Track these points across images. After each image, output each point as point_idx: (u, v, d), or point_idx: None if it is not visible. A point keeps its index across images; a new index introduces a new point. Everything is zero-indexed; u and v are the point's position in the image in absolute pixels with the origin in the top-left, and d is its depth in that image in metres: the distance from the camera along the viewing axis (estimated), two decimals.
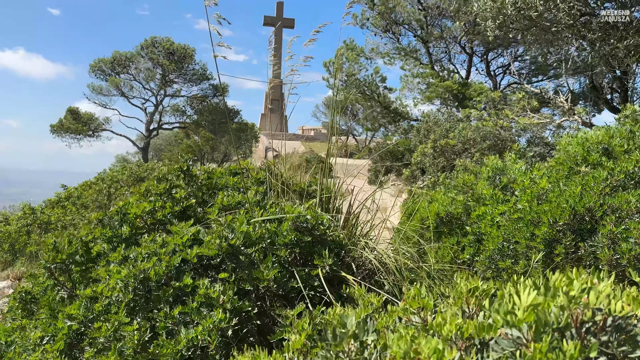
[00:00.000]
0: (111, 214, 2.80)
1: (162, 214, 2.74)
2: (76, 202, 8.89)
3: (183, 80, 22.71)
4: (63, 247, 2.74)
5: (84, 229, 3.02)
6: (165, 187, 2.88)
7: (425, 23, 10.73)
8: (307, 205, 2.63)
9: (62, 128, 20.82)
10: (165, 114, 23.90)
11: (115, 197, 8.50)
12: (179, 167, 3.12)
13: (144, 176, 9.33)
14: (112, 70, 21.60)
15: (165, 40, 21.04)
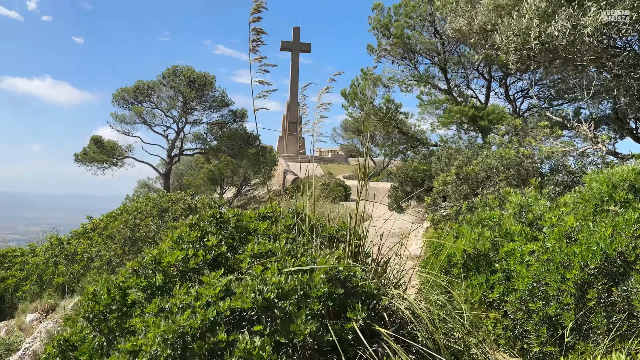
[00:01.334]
0: (145, 263, 2.87)
1: (194, 263, 2.80)
2: (102, 233, 9.06)
3: (203, 107, 23.16)
4: (101, 295, 2.81)
5: (120, 275, 3.10)
6: (198, 235, 2.94)
7: (443, 50, 10.81)
8: (338, 255, 2.66)
9: (86, 157, 21.33)
10: (187, 140, 24.35)
11: (139, 228, 8.65)
12: (211, 213, 3.19)
13: (167, 207, 9.48)
14: (134, 99, 22.16)
15: (186, 69, 21.56)
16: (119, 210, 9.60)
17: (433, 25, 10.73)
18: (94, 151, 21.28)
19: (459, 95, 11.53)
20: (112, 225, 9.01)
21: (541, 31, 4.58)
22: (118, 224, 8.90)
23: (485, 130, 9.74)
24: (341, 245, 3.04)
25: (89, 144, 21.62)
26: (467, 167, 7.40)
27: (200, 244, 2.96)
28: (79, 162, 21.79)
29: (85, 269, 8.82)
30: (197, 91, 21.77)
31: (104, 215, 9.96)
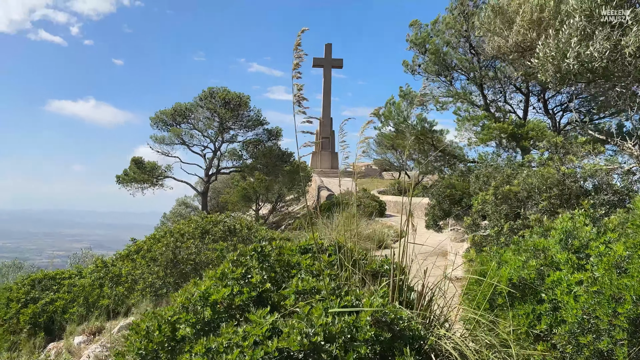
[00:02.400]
0: (194, 300, 2.94)
1: (240, 300, 2.86)
2: (145, 256, 9.30)
3: (239, 126, 23.60)
4: (153, 331, 2.91)
5: (169, 309, 3.19)
6: (242, 272, 3.01)
7: (479, 66, 10.71)
8: (382, 293, 2.67)
9: (127, 178, 22.03)
10: (223, 158, 24.82)
11: (180, 250, 8.84)
12: (253, 247, 3.26)
13: (208, 228, 9.67)
14: (173, 121, 22.81)
15: (222, 90, 22.06)
16: (162, 232, 9.84)
17: (469, 42, 10.67)
18: (134, 172, 21.98)
19: (497, 110, 11.37)
20: (155, 247, 9.24)
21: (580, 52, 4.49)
22: (161, 246, 9.13)
23: (525, 147, 9.56)
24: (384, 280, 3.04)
25: (130, 165, 22.34)
26: (506, 186, 7.26)
27: (245, 280, 3.02)
28: (120, 183, 22.51)
29: (129, 291, 9.06)
30: (232, 111, 22.24)
31: (147, 237, 10.23)
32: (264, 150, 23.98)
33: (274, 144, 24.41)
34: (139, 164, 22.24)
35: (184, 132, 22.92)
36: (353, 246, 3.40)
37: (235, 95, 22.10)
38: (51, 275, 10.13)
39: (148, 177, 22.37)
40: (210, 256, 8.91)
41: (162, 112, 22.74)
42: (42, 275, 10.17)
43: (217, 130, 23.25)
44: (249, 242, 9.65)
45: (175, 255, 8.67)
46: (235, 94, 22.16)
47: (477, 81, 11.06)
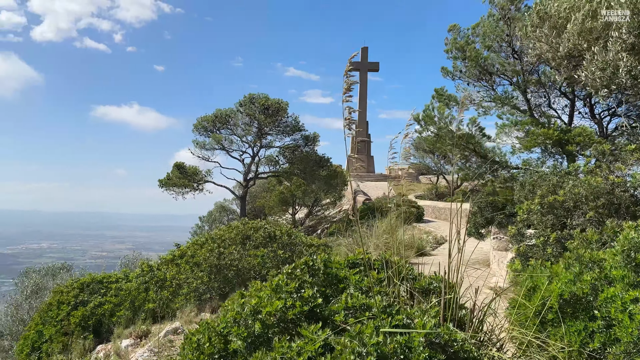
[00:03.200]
0: (245, 315, 3.01)
1: (292, 313, 2.91)
2: (189, 261, 9.53)
3: (277, 131, 23.88)
4: (204, 343, 3.00)
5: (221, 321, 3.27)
6: (295, 286, 3.06)
7: (522, 71, 10.48)
8: (434, 312, 2.67)
9: (169, 182, 22.65)
10: (261, 164, 25.14)
11: (224, 256, 9.02)
12: (304, 261, 3.31)
13: (249, 235, 9.83)
14: (213, 127, 23.30)
15: (261, 96, 22.39)
16: (204, 238, 10.07)
17: (511, 46, 10.45)
18: (176, 176, 22.57)
19: (541, 115, 11.08)
20: (198, 253, 9.46)
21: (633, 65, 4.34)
22: (204, 252, 9.34)
23: (571, 154, 9.28)
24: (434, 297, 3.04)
25: (173, 170, 22.96)
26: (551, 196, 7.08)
27: (297, 294, 3.07)
28: (163, 187, 23.14)
29: (173, 295, 9.31)
30: (271, 117, 22.52)
31: (190, 243, 10.47)
32: (301, 155, 24.15)
33: (311, 149, 24.56)
34: (181, 169, 22.82)
35: (224, 138, 23.38)
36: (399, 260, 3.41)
37: (274, 101, 22.38)
38: (99, 279, 10.50)
39: (189, 181, 22.92)
40: (252, 262, 9.06)
41: (203, 119, 23.27)
42: (90, 279, 10.55)
43: (256, 135, 23.58)
44: (288, 248, 9.76)
45: (219, 261, 8.85)
46: (274, 100, 22.43)
47: (520, 86, 10.82)
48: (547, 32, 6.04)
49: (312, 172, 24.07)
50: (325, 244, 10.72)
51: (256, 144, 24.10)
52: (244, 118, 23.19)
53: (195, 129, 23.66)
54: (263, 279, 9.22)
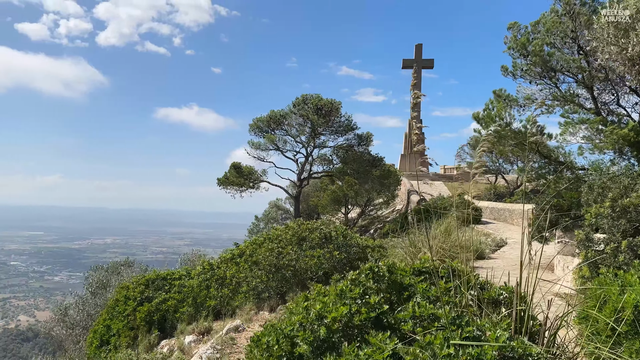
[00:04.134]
0: (311, 319, 3.07)
1: (358, 320, 2.94)
2: (248, 260, 9.77)
3: (330, 131, 23.99)
4: (272, 345, 3.08)
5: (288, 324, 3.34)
6: (360, 292, 3.08)
7: (588, 68, 10.00)
8: (505, 325, 2.62)
9: (227, 181, 23.31)
10: (315, 163, 25.36)
11: (283, 256, 9.18)
12: (369, 267, 3.33)
13: (305, 235, 9.95)
14: (268, 127, 23.74)
15: (314, 97, 22.58)
16: (262, 238, 10.27)
17: (576, 42, 9.99)
18: (234, 176, 23.18)
19: (609, 113, 10.52)
20: (257, 252, 9.66)
21: None
22: (263, 251, 9.53)
23: None
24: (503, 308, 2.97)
25: (230, 170, 23.61)
26: (626, 199, 6.72)
27: (362, 300, 3.09)
28: (221, 186, 23.84)
29: (233, 293, 9.56)
30: (324, 117, 22.66)
31: (248, 242, 10.71)
32: (354, 155, 24.13)
33: (365, 149, 24.50)
34: (237, 169, 23.42)
35: (278, 138, 23.77)
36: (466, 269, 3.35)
37: (327, 101, 22.50)
38: (163, 275, 10.94)
39: (245, 180, 23.48)
40: (309, 263, 9.16)
41: (258, 120, 23.76)
42: (155, 275, 11.02)
43: (309, 136, 23.80)
44: (344, 249, 9.79)
45: (278, 261, 9.00)
46: (327, 101, 22.56)
47: (587, 83, 10.32)
48: (615, 33, 5.72)
49: (365, 172, 24.00)
50: (381, 246, 10.67)
51: (310, 144, 24.32)
52: (298, 118, 23.48)
53: (251, 129, 24.22)
54: (319, 280, 9.30)
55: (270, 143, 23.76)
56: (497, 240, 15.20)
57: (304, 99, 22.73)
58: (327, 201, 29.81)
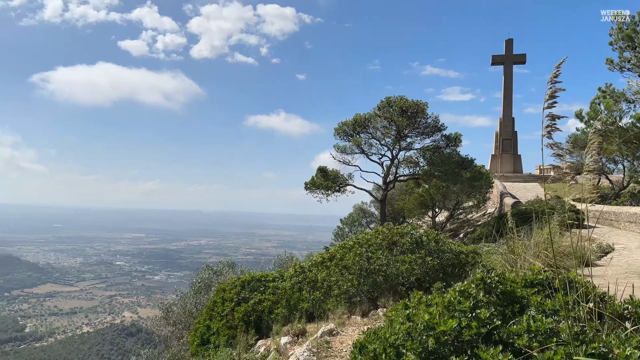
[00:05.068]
0: (419, 330, 3.03)
1: (468, 335, 2.85)
2: (339, 264, 9.87)
3: (416, 133, 23.60)
4: (380, 353, 3.08)
5: (393, 332, 3.33)
6: (470, 305, 2.99)
7: None
8: (635, 342, 2.41)
9: (314, 185, 23.73)
10: (400, 166, 25.06)
11: (373, 261, 9.17)
12: (480, 277, 3.23)
13: (395, 240, 9.86)
14: (353, 131, 23.84)
15: (399, 99, 22.33)
16: (352, 242, 10.32)
17: None
18: (320, 179, 23.55)
19: None
20: (347, 256, 9.73)
21: None
22: (352, 255, 9.58)
23: None
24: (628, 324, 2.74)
25: (316, 173, 24.02)
26: None
27: (472, 313, 3.00)
28: (308, 190, 24.32)
29: (325, 296, 9.69)
30: (409, 119, 22.34)
31: (338, 246, 10.81)
32: (442, 157, 23.53)
33: (453, 150, 23.78)
34: (324, 173, 23.77)
35: (363, 142, 23.79)
36: (582, 278, 3.14)
37: (412, 102, 22.16)
38: (257, 277, 11.34)
39: (332, 184, 23.75)
40: (400, 268, 9.06)
41: (343, 124, 23.94)
42: (250, 277, 11.45)
43: (395, 138, 23.57)
44: (436, 255, 9.57)
45: (368, 265, 9.00)
46: (412, 102, 22.22)
47: None
48: None
49: (454, 174, 23.31)
50: (475, 252, 10.29)
51: (395, 146, 24.07)
52: (383, 121, 23.34)
53: (336, 133, 24.45)
54: (411, 286, 9.16)
55: (356, 146, 23.83)
56: (602, 246, 14.07)
57: (388, 102, 22.55)
58: (414, 204, 29.34)
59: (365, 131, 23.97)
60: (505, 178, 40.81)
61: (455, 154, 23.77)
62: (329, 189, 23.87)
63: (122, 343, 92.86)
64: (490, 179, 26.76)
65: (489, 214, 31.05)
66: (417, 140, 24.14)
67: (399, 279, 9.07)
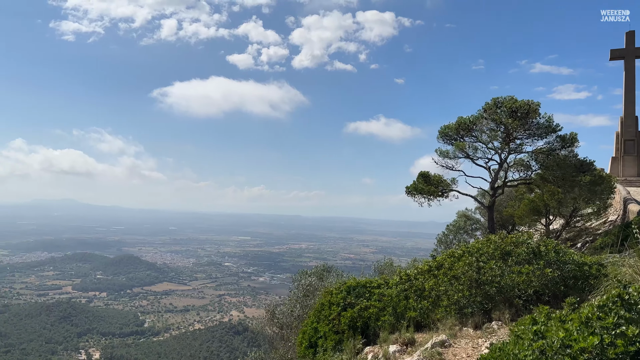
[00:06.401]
0: (555, 348, 2.82)
1: (613, 353, 2.60)
2: (447, 273, 9.56)
3: (527, 135, 22.19)
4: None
5: (518, 349, 3.14)
6: (612, 322, 2.74)
7: None
8: None
9: (415, 190, 23.26)
10: (510, 170, 23.73)
11: (484, 271, 8.75)
12: (616, 293, 2.94)
13: (509, 250, 9.33)
14: (457, 135, 23.01)
15: (507, 99, 21.17)
16: (461, 251, 9.96)
17: None
18: (422, 184, 23.02)
19: None
20: (456, 265, 9.40)
21: None
22: (462, 265, 9.23)
23: None
24: None
25: (418, 178, 23.51)
26: None
27: (614, 330, 2.74)
28: (410, 194, 23.88)
29: (433, 306, 9.44)
30: (519, 120, 21.06)
31: (445, 255, 10.50)
32: (556, 159, 21.84)
33: (569, 151, 21.98)
34: (426, 178, 23.20)
35: (467, 146, 22.85)
36: None
37: (523, 103, 20.87)
38: (362, 283, 11.35)
39: (434, 189, 23.11)
40: (516, 279, 8.55)
41: (446, 127, 23.19)
42: (355, 283, 11.50)
43: (503, 141, 22.35)
44: (556, 266, 8.90)
45: (479, 276, 8.63)
46: (523, 102, 20.93)
47: None
48: None
49: (570, 178, 21.53)
50: (599, 263, 9.43)
51: (503, 150, 22.80)
52: (489, 124, 22.23)
53: (439, 137, 23.73)
54: (529, 299, 8.61)
55: (460, 151, 22.94)
56: None
57: (495, 103, 21.45)
58: (524, 211, 27.63)
59: (469, 134, 22.99)
60: (629, 182, 37.01)
61: (572, 156, 21.93)
62: (431, 194, 23.22)
63: (230, 341, 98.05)
64: (612, 184, 24.37)
65: (610, 221, 28.35)
66: (527, 143, 22.66)
67: (514, 291, 8.56)
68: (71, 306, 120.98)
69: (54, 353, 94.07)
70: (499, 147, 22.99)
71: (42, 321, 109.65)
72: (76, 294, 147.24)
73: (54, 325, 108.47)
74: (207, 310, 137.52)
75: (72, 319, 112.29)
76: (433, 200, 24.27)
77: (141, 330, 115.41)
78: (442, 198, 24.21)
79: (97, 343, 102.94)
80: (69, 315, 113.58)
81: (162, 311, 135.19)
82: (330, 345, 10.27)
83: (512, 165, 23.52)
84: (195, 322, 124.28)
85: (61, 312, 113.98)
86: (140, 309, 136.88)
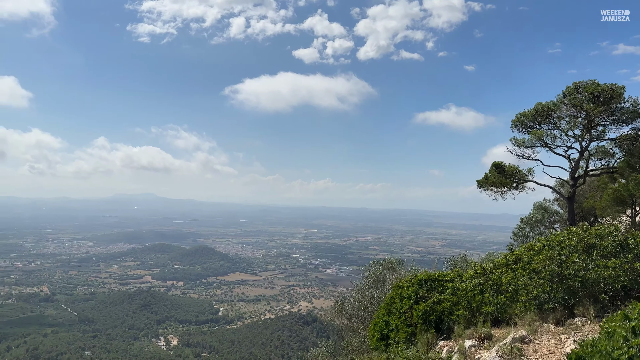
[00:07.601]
0: None
1: None
2: (526, 267, 9.18)
3: (610, 121, 20.74)
4: None
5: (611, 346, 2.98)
6: None
7: None
8: None
9: (487, 182, 22.42)
10: (592, 158, 22.29)
11: (567, 265, 8.33)
12: None
13: (593, 242, 8.81)
14: (533, 122, 21.90)
15: (589, 84, 19.85)
16: (540, 244, 9.53)
17: None
18: (495, 176, 22.15)
19: None
20: (535, 259, 9.02)
21: None
22: (542, 258, 8.84)
23: None
24: None
25: (490, 169, 22.63)
26: None
27: None
28: (481, 187, 23.04)
29: (511, 301, 9.12)
30: (602, 105, 19.70)
31: (524, 248, 10.09)
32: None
33: None
34: (499, 169, 22.30)
35: (545, 134, 21.69)
36: None
37: (606, 87, 19.50)
38: (435, 276, 11.15)
39: (508, 180, 22.18)
40: (602, 274, 8.07)
41: (522, 114, 22.15)
42: (426, 276, 11.31)
43: (584, 128, 21.03)
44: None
45: (561, 270, 8.23)
46: (605, 86, 19.55)
47: None
48: None
49: None
50: None
51: (584, 137, 21.45)
52: (569, 109, 20.97)
53: (514, 125, 22.69)
54: (616, 295, 8.10)
55: (537, 139, 21.83)
56: None
57: (576, 87, 20.18)
58: (607, 202, 25.89)
59: (547, 121, 21.79)
60: None
61: None
62: (505, 185, 22.26)
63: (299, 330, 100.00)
64: None
65: None
66: (611, 129, 21.19)
67: (600, 285, 8.09)
68: (151, 295, 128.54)
69: (136, 339, 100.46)
70: (579, 135, 21.68)
71: (125, 308, 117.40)
72: (155, 283, 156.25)
73: (136, 312, 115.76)
74: (277, 300, 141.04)
75: (152, 307, 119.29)
76: (507, 194, 23.29)
77: (215, 318, 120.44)
78: (516, 191, 23.17)
79: (175, 330, 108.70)
80: (149, 304, 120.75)
81: (235, 300, 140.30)
82: (402, 338, 10.20)
83: (593, 153, 22.10)
84: (266, 311, 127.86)
85: (142, 300, 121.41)
86: (214, 297, 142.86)
